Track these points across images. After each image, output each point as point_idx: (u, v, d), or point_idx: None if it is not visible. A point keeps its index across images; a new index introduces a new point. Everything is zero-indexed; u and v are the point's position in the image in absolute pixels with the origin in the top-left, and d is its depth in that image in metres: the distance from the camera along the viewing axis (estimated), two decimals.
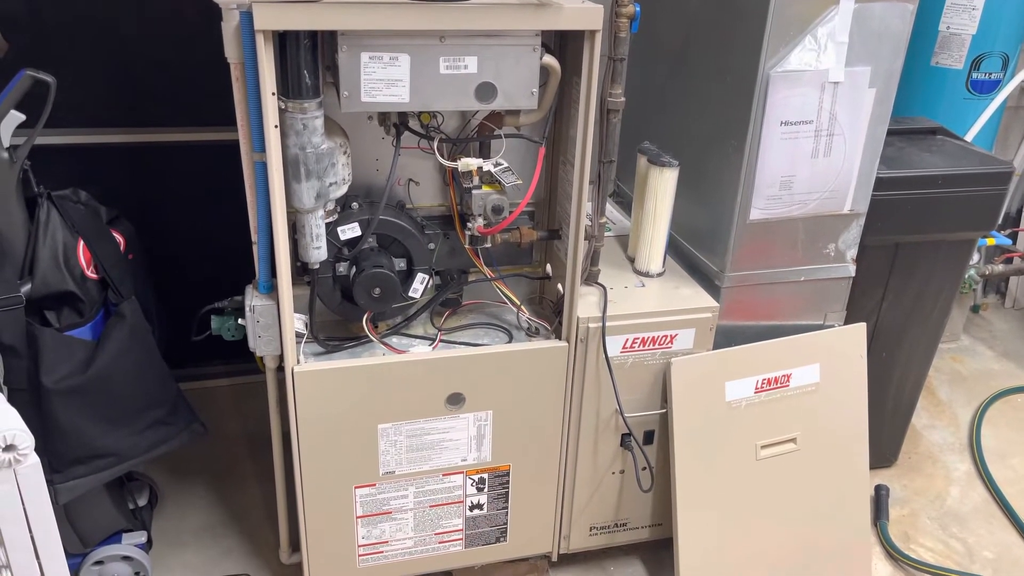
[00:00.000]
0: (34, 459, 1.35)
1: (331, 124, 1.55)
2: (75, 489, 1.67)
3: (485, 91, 1.48)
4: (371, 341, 1.72)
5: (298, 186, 1.48)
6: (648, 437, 1.90)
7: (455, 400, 1.72)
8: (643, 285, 1.90)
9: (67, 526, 1.77)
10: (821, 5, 1.63)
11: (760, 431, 1.90)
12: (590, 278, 1.84)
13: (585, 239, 1.71)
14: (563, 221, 1.72)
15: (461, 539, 1.88)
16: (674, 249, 2.00)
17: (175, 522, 2.13)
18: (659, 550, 2.08)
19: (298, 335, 1.63)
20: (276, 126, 1.41)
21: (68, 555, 1.51)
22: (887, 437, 2.37)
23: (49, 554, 1.42)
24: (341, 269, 1.65)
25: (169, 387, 1.80)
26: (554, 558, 2.02)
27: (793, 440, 1.93)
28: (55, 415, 1.60)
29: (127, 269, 1.74)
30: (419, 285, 1.71)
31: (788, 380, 1.89)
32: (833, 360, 1.93)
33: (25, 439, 1.32)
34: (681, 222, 1.94)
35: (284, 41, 1.38)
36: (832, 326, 1.98)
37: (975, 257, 2.77)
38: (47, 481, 1.42)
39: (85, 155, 2.25)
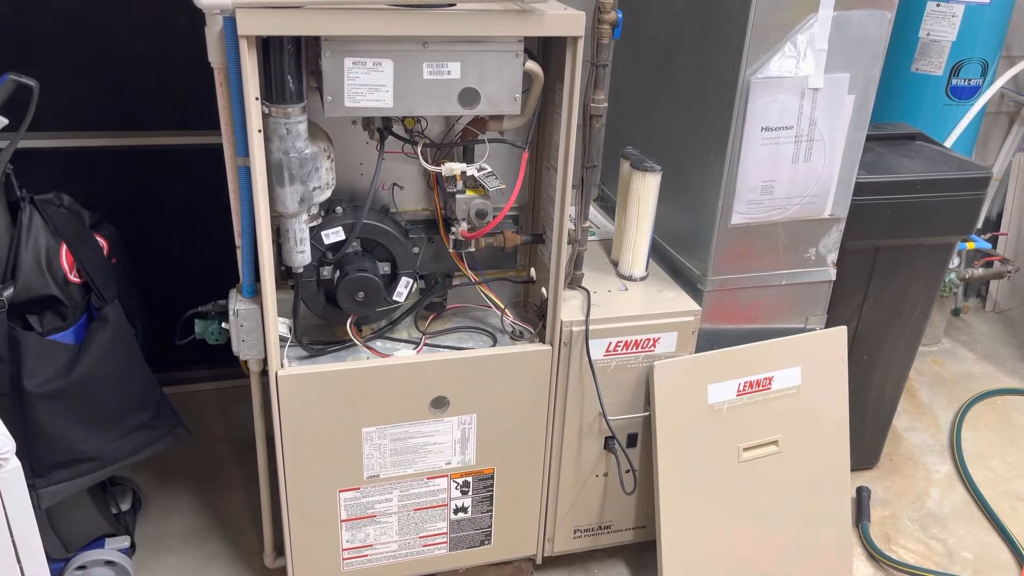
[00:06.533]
0: (15, 463, 1.35)
1: (315, 128, 1.55)
2: (57, 494, 1.66)
3: (468, 96, 1.49)
4: (355, 345, 1.72)
5: (282, 190, 1.48)
6: (631, 440, 1.91)
7: (439, 403, 1.72)
8: (626, 289, 1.91)
9: (49, 531, 1.76)
10: (800, 13, 1.65)
11: (742, 433, 1.91)
12: (574, 282, 1.85)
13: (568, 243, 1.72)
14: (547, 225, 1.73)
15: (445, 542, 1.89)
16: (657, 253, 2.02)
17: (159, 527, 2.13)
18: (643, 552, 2.09)
19: (282, 339, 1.63)
20: (260, 131, 1.41)
21: (50, 560, 1.51)
22: (868, 439, 2.39)
23: (31, 559, 1.42)
24: (325, 273, 1.66)
25: (152, 391, 1.80)
26: (538, 561, 2.03)
27: (775, 442, 1.95)
28: (37, 419, 1.60)
29: (110, 273, 1.74)
30: (403, 289, 1.71)
31: (770, 383, 1.91)
32: (814, 363, 1.95)
33: (6, 443, 1.32)
34: (664, 226, 1.96)
35: (268, 46, 1.38)
36: (813, 329, 2.00)
37: (955, 261, 2.80)
38: (29, 486, 1.42)
39: (68, 159, 2.25)
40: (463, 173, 1.62)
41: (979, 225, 2.93)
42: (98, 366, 1.66)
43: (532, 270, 1.88)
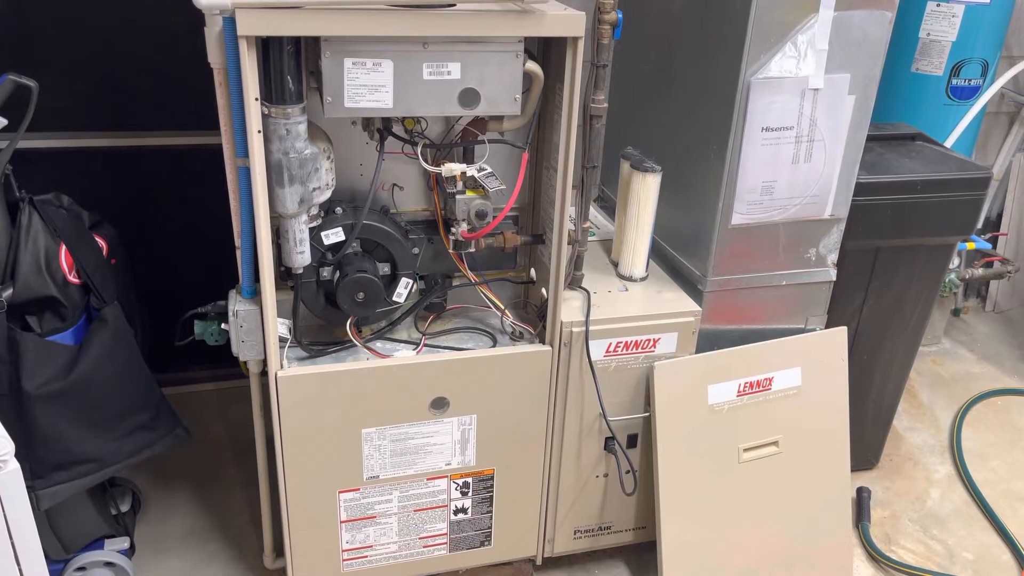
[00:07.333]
0: (14, 465, 1.34)
1: (315, 129, 1.55)
2: (57, 495, 1.66)
3: (468, 97, 1.48)
4: (355, 346, 1.72)
5: (281, 191, 1.48)
6: (632, 440, 1.91)
7: (439, 404, 1.72)
8: (626, 289, 1.91)
9: (49, 532, 1.76)
10: (801, 13, 1.64)
11: (742, 434, 1.91)
12: (574, 282, 1.85)
13: (568, 244, 1.72)
14: (547, 226, 1.73)
15: (445, 543, 1.89)
16: (657, 253, 2.01)
17: (158, 527, 2.13)
18: (643, 553, 2.09)
19: (281, 340, 1.63)
20: (259, 131, 1.41)
21: (50, 561, 1.51)
22: (868, 439, 2.39)
23: (30, 560, 1.42)
24: (325, 274, 1.65)
25: (152, 391, 1.80)
26: (538, 561, 2.02)
27: (775, 443, 1.95)
28: (37, 420, 1.60)
29: (109, 274, 1.74)
30: (403, 289, 1.71)
31: (770, 383, 1.91)
32: (814, 363, 1.95)
33: (5, 445, 1.32)
34: (664, 227, 1.96)
35: (267, 46, 1.38)
36: (813, 330, 2.00)
37: (955, 261, 2.80)
38: (28, 487, 1.41)
39: (68, 159, 2.25)
40: (463, 174, 1.62)
41: (979, 225, 2.93)
42: (97, 367, 1.65)
43: (532, 271, 1.88)
